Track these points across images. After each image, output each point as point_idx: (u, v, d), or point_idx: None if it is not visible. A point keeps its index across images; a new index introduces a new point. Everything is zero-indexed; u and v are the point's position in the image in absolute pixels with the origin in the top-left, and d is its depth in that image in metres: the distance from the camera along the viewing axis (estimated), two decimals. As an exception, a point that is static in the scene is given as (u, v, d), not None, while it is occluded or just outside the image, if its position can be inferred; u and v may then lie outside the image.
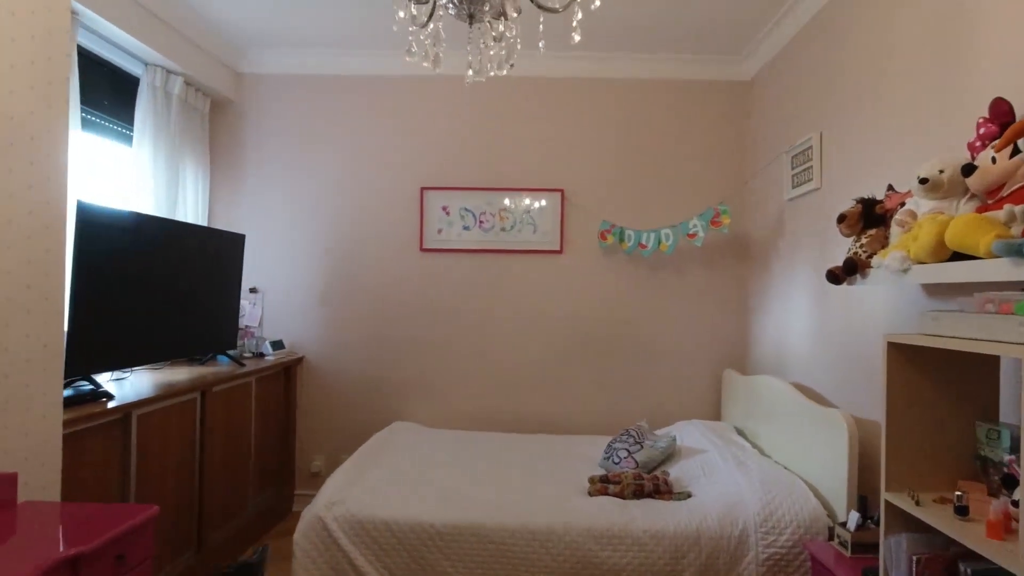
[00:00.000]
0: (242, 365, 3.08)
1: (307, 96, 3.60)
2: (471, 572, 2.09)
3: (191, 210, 3.37)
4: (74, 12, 2.48)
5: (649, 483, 2.37)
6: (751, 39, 3.21)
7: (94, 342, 2.23)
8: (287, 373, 3.52)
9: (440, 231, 3.56)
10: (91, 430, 2.02)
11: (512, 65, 1.70)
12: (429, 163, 3.58)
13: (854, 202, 1.98)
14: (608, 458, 2.71)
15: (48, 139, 1.68)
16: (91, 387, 2.19)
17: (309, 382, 3.61)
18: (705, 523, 2.14)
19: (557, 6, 1.46)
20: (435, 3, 1.48)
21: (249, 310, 3.57)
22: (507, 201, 3.53)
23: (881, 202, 1.91)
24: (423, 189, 3.56)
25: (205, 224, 3.51)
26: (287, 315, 3.62)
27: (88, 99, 2.72)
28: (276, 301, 3.63)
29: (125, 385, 2.45)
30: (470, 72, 1.69)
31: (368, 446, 2.86)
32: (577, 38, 1.47)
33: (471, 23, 1.40)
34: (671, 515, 2.18)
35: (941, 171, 1.58)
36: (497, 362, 3.55)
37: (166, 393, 2.37)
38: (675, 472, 2.59)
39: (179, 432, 2.49)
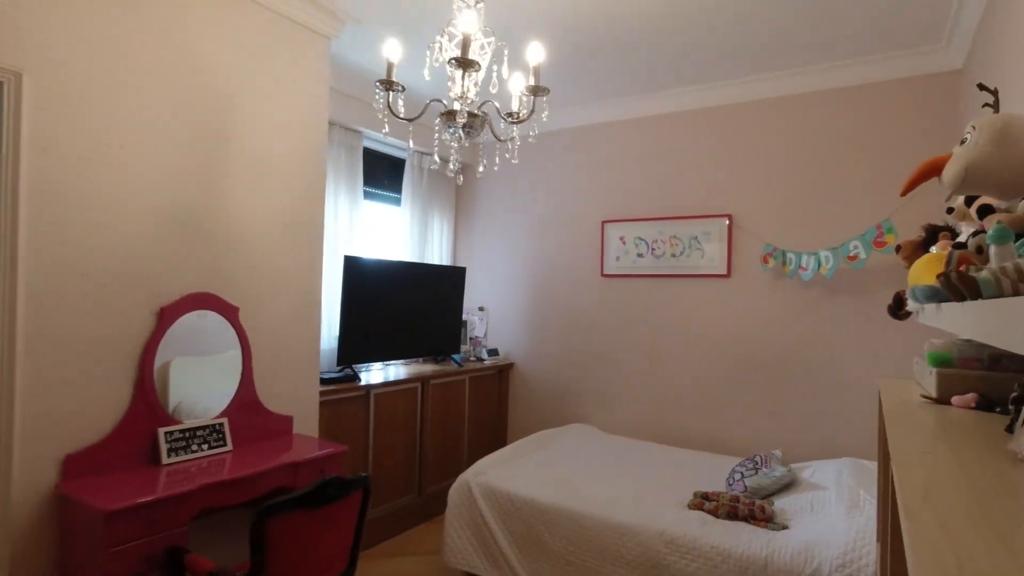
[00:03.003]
0: (460, 366, 4.12)
1: (520, 150, 4.50)
2: (563, 546, 2.58)
3: (437, 250, 4.61)
4: (359, 130, 3.87)
5: (744, 507, 2.44)
6: (949, 19, 2.75)
7: (356, 345, 3.48)
8: (500, 375, 4.46)
9: (618, 259, 4.01)
10: (346, 400, 3.23)
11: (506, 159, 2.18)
12: (609, 199, 4.07)
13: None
14: (728, 479, 2.79)
15: (311, 221, 2.88)
16: (351, 372, 3.45)
17: (517, 384, 4.48)
18: (777, 553, 2.16)
19: (523, 118, 1.92)
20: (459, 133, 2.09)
21: (477, 324, 4.64)
22: (677, 229, 3.77)
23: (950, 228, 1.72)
24: (604, 222, 4.07)
25: (449, 260, 4.72)
26: (504, 329, 4.57)
27: (369, 180, 4.12)
28: (497, 317, 4.61)
29: (380, 374, 3.69)
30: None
31: (532, 437, 3.54)
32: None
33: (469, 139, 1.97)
34: (748, 539, 2.26)
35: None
36: (665, 378, 3.80)
37: (394, 381, 3.51)
38: (784, 504, 2.54)
39: (404, 409, 3.61)
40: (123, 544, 1.82)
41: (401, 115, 1.99)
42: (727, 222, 3.60)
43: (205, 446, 2.34)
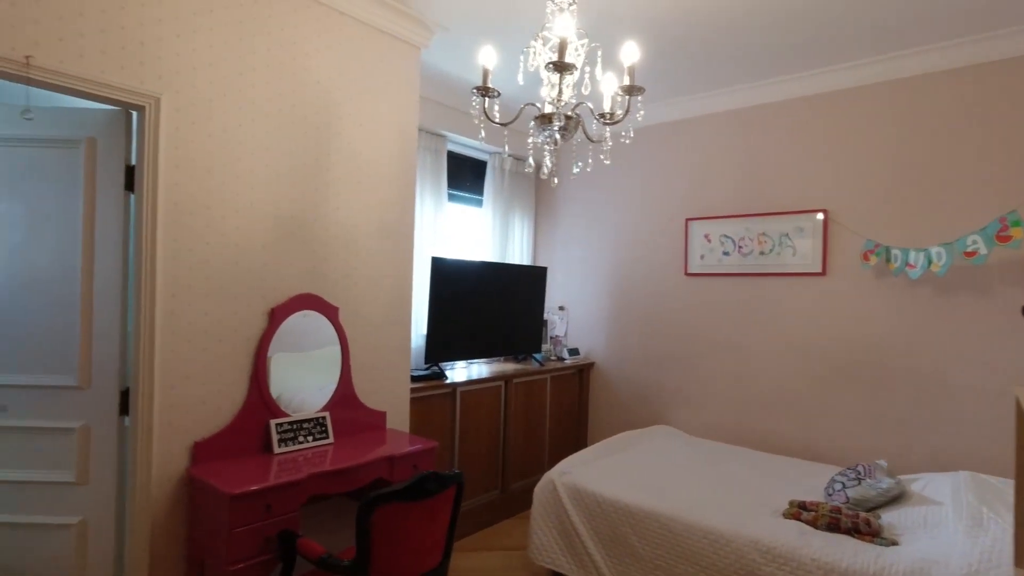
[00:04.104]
0: (541, 365, 4.15)
1: (597, 147, 4.48)
2: (651, 550, 2.55)
3: (517, 250, 4.66)
4: (443, 135, 3.98)
5: (848, 519, 2.32)
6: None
7: (443, 344, 3.59)
8: (581, 374, 4.45)
9: (702, 257, 3.91)
10: (433, 396, 3.34)
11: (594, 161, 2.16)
12: (693, 196, 3.97)
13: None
14: (826, 488, 2.66)
15: (402, 224, 2.99)
16: (439, 371, 3.56)
17: (598, 383, 4.46)
18: (888, 570, 2.04)
19: (618, 118, 1.90)
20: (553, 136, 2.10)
21: (558, 323, 4.66)
22: (766, 226, 3.63)
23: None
24: (688, 220, 3.97)
25: (530, 260, 4.77)
26: (584, 328, 4.56)
27: (452, 182, 4.23)
28: (578, 317, 4.61)
29: (463, 372, 3.79)
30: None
31: (616, 438, 3.51)
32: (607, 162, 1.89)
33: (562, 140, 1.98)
34: (853, 554, 2.15)
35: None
36: (752, 381, 3.67)
37: (478, 380, 3.60)
38: (893, 518, 2.38)
39: (488, 406, 3.69)
40: (244, 526, 1.98)
41: (496, 120, 2.03)
42: (822, 217, 3.42)
43: (310, 438, 2.50)
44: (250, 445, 2.36)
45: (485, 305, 3.86)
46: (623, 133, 2.13)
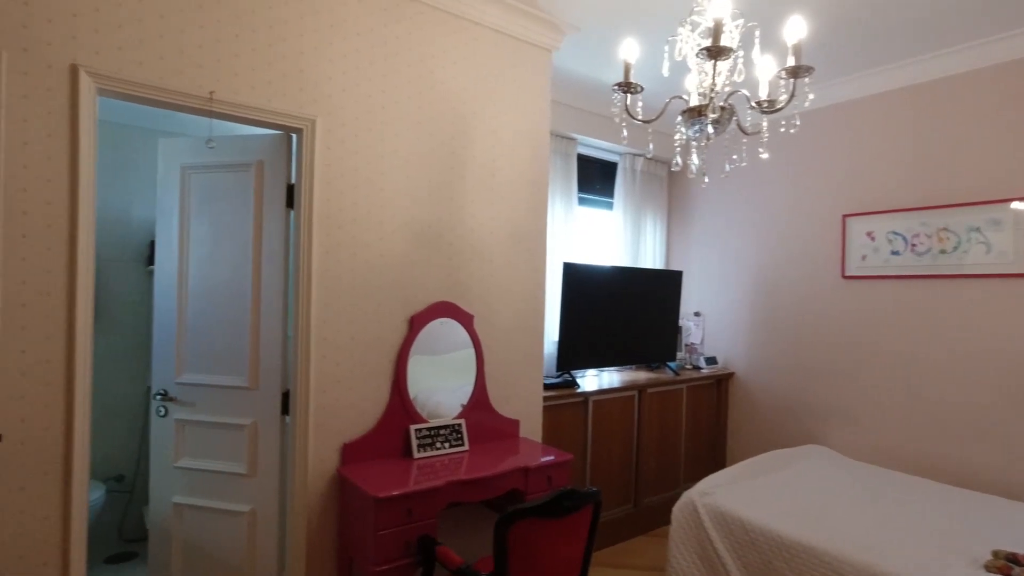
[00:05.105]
0: (676, 375, 3.93)
1: (738, 141, 4.15)
2: (812, 589, 2.27)
3: (650, 254, 4.46)
4: (572, 137, 3.91)
5: (1077, 581, 1.89)
6: None
7: (574, 351, 3.52)
8: (719, 385, 4.15)
9: (864, 257, 3.45)
10: (564, 405, 3.28)
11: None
12: (852, 189, 3.52)
13: None
14: (1042, 539, 2.19)
15: (534, 230, 2.96)
16: (570, 379, 3.49)
17: (738, 396, 4.13)
18: None
19: (781, 104, 1.68)
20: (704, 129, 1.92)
21: (693, 330, 4.39)
22: (948, 219, 3.11)
23: None
24: (845, 216, 3.54)
25: (662, 264, 4.55)
26: (722, 336, 4.25)
27: (583, 186, 4.14)
28: (715, 323, 4.31)
29: (594, 380, 3.69)
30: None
31: (763, 457, 3.20)
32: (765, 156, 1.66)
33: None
34: (1087, 625, 1.74)
35: None
36: (929, 400, 3.16)
37: (611, 389, 3.47)
38: None
39: (621, 417, 3.55)
40: (388, 528, 2.05)
41: (639, 118, 1.91)
42: (1027, 210, 2.86)
43: (447, 444, 2.55)
44: (391, 448, 2.45)
45: (617, 311, 3.73)
46: (783, 122, 1.91)
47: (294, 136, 2.26)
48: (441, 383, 2.64)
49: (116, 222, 3.23)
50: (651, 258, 4.49)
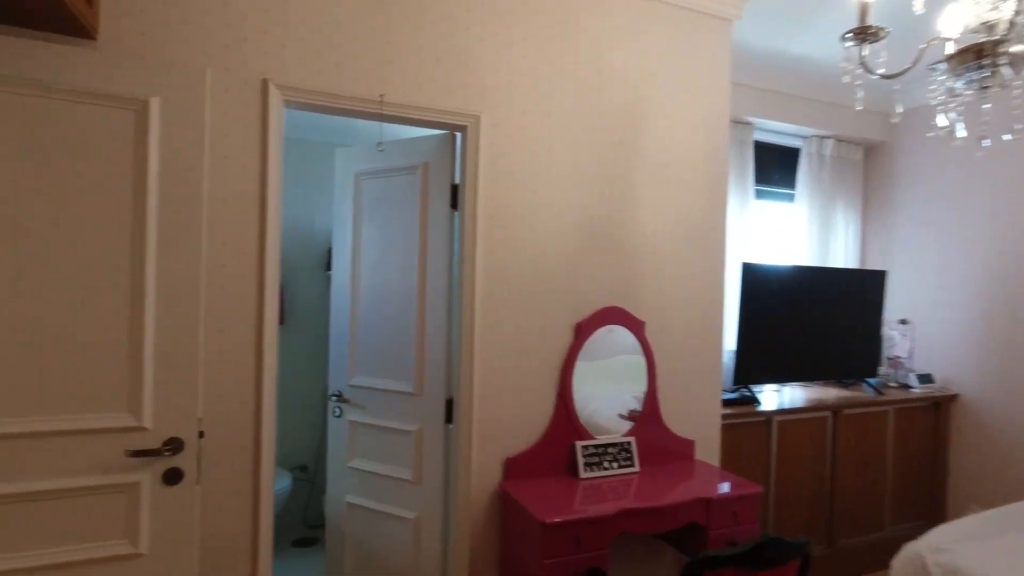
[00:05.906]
0: (881, 394, 3.30)
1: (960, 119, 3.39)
2: None
3: (841, 251, 3.83)
4: (749, 122, 3.47)
5: None
6: None
7: (753, 363, 3.10)
8: (938, 409, 3.43)
9: None
10: (744, 424, 2.88)
11: None
12: None
13: None
14: None
15: (713, 227, 2.62)
16: (748, 394, 3.08)
17: (965, 422, 3.37)
18: None
19: None
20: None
21: (898, 341, 3.69)
22: None
23: None
24: None
25: (857, 263, 3.89)
26: (939, 349, 3.51)
27: (760, 176, 3.66)
28: (927, 334, 3.58)
29: (774, 397, 3.23)
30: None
31: (1017, 508, 2.53)
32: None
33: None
34: None
35: None
36: None
37: (798, 408, 3.00)
38: None
39: (811, 442, 3.05)
40: (555, 557, 1.88)
41: (878, 73, 1.53)
42: None
43: (615, 464, 2.33)
44: (555, 465, 2.29)
45: (804, 318, 3.23)
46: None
47: (458, 135, 2.18)
48: (598, 389, 2.40)
49: (301, 231, 3.47)
50: (842, 256, 3.85)
